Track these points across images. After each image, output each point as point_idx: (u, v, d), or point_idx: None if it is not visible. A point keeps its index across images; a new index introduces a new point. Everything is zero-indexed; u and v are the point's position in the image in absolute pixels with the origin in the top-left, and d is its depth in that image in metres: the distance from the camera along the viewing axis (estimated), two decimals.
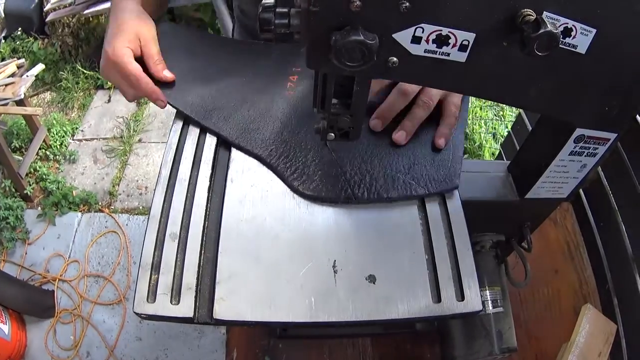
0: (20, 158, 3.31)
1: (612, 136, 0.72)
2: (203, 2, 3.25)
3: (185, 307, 0.70)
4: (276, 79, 0.96)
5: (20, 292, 2.59)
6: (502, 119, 3.34)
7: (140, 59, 0.92)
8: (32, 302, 2.64)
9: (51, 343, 2.59)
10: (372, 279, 0.71)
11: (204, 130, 0.88)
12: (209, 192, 0.80)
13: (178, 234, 0.76)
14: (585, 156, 0.75)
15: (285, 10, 0.57)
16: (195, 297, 0.71)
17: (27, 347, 2.57)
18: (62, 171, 3.43)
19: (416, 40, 0.53)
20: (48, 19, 4.14)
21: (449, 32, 0.52)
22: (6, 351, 2.39)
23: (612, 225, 1.14)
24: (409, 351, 1.04)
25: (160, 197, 0.79)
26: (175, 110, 0.90)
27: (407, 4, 0.49)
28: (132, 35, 0.93)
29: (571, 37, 0.54)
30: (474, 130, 3.24)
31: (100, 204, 3.19)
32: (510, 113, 3.32)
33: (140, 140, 3.59)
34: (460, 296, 0.71)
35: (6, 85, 3.20)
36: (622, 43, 0.57)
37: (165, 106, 0.92)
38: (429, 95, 0.85)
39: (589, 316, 1.07)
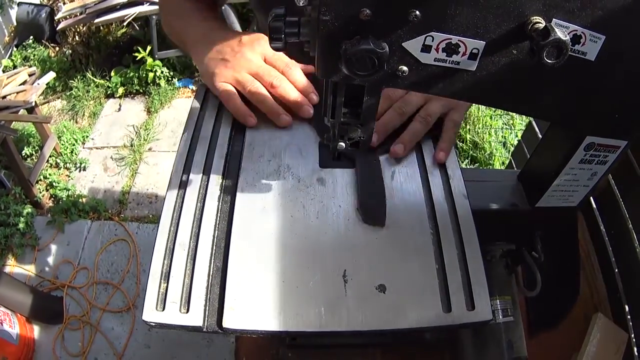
0: (31, 165, 3.33)
1: (622, 144, 0.72)
2: None
3: (195, 316, 0.70)
4: None
5: (29, 297, 2.60)
6: (512, 128, 3.33)
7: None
8: (41, 308, 2.65)
9: (59, 349, 2.60)
10: (382, 288, 0.71)
11: (214, 140, 0.88)
12: (218, 201, 0.80)
13: (188, 242, 0.76)
14: (595, 164, 0.75)
15: (295, 19, 0.57)
16: (205, 306, 0.71)
17: (34, 352, 2.58)
18: (72, 179, 3.45)
19: (426, 49, 0.53)
20: (59, 27, 4.19)
21: (458, 40, 0.52)
22: (14, 355, 2.40)
23: (623, 233, 1.13)
24: None
25: (170, 205, 0.79)
26: (185, 120, 0.90)
27: (417, 12, 0.49)
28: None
29: (580, 44, 0.54)
30: (484, 139, 3.23)
31: (110, 211, 3.20)
32: (521, 122, 3.30)
33: (150, 149, 3.60)
34: (471, 305, 0.71)
35: (17, 93, 3.23)
36: (631, 49, 0.57)
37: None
38: (429, 112, 0.87)
39: (600, 325, 1.06)
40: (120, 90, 4.05)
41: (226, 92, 0.89)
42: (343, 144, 0.72)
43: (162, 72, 3.99)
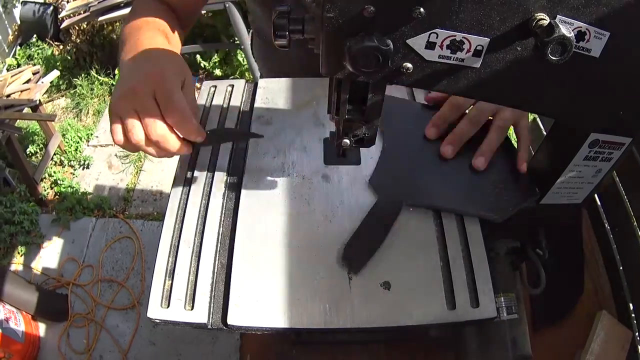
0: (36, 163, 3.34)
1: (627, 140, 0.71)
2: (217, 9, 3.26)
3: (199, 313, 0.70)
4: None
5: (34, 295, 2.60)
6: None
7: None
8: (46, 306, 2.65)
9: (64, 346, 2.60)
10: (386, 285, 0.71)
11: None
12: (223, 198, 0.81)
13: (192, 239, 0.76)
14: (600, 161, 0.75)
15: (299, 16, 0.58)
16: (209, 302, 0.71)
17: (40, 349, 2.59)
18: (76, 176, 3.46)
19: (430, 45, 0.53)
20: (63, 25, 4.19)
21: (463, 37, 0.52)
22: (19, 353, 2.41)
23: (628, 230, 1.13)
24: (423, 358, 1.04)
25: (175, 203, 0.80)
26: None
27: (421, 9, 0.49)
28: (181, 68, 0.82)
29: (585, 41, 0.54)
30: None
31: (114, 209, 3.20)
32: None
33: None
34: (475, 303, 0.71)
35: (22, 91, 3.24)
36: (636, 46, 0.56)
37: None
38: (504, 120, 0.88)
39: (604, 323, 1.06)
40: None
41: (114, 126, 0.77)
42: (347, 141, 0.72)
43: None
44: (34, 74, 3.47)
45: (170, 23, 0.94)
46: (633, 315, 1.10)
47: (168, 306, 0.70)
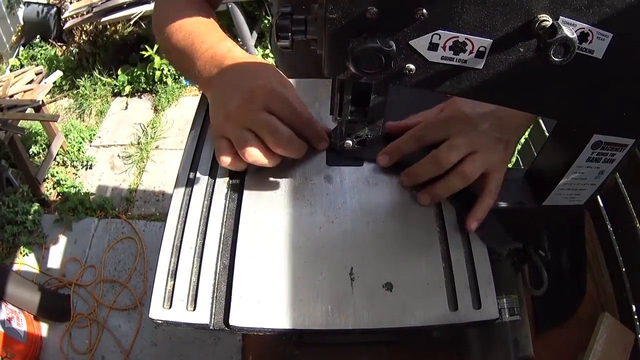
0: (38, 163, 3.35)
1: (630, 142, 0.71)
2: (220, 10, 3.27)
3: (201, 314, 0.70)
4: None
5: (36, 295, 2.61)
6: None
7: None
8: (48, 306, 2.66)
9: (66, 346, 2.61)
10: (389, 286, 0.71)
11: None
12: (225, 199, 0.81)
13: (195, 240, 0.76)
14: (602, 162, 0.75)
15: (302, 17, 0.58)
16: (212, 303, 0.71)
17: (42, 349, 2.60)
18: (79, 177, 3.47)
19: (433, 47, 0.53)
20: (66, 26, 4.20)
21: (465, 38, 0.52)
22: (21, 353, 2.42)
23: (630, 232, 1.13)
24: (425, 359, 1.04)
25: (177, 203, 0.80)
26: (192, 117, 0.90)
27: (424, 10, 0.49)
28: (281, 77, 0.80)
29: (588, 42, 0.54)
30: None
31: (117, 209, 3.21)
32: None
33: (157, 147, 3.61)
34: (477, 304, 0.71)
35: (25, 92, 3.25)
36: (639, 47, 0.56)
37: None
38: (473, 167, 0.77)
39: (607, 325, 1.06)
40: (127, 88, 4.06)
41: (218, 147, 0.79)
42: (350, 142, 0.72)
43: (169, 71, 3.99)
44: (37, 74, 3.48)
45: (212, 15, 0.94)
46: (636, 316, 1.10)
47: (170, 307, 0.70)
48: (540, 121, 1.70)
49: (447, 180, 0.78)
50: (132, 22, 3.96)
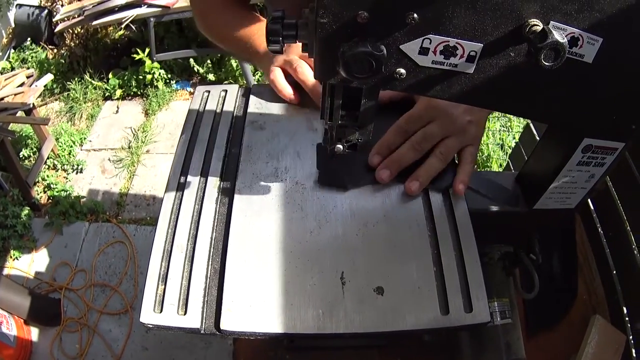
0: (29, 167, 3.33)
1: (620, 145, 0.72)
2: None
3: (192, 318, 0.70)
4: None
5: (26, 300, 2.59)
6: (510, 130, 3.33)
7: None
8: (38, 310, 2.64)
9: (57, 351, 2.59)
10: (380, 290, 0.71)
11: (212, 142, 0.88)
12: (216, 203, 0.80)
13: (185, 244, 0.76)
14: (593, 166, 0.75)
15: (293, 21, 0.58)
16: (202, 307, 0.71)
17: (32, 354, 2.58)
18: (69, 180, 3.45)
19: (424, 51, 0.53)
20: (57, 29, 4.18)
21: (456, 43, 0.52)
22: (11, 358, 2.40)
23: (621, 235, 1.13)
24: None
25: (168, 207, 0.79)
26: (183, 122, 0.90)
27: (414, 15, 0.49)
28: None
29: (578, 47, 0.54)
30: (482, 141, 3.23)
31: (107, 213, 3.20)
32: (518, 124, 3.30)
33: (148, 151, 3.60)
34: (469, 308, 0.71)
35: (15, 94, 3.23)
36: (628, 52, 0.57)
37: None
38: (447, 147, 0.84)
39: (598, 327, 1.06)
40: (118, 92, 4.04)
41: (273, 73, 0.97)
42: (341, 147, 0.72)
43: (159, 75, 3.98)
44: (27, 77, 3.46)
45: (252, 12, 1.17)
46: (627, 318, 1.10)
47: (161, 311, 0.70)
48: (531, 125, 1.71)
49: (427, 162, 0.84)
50: (123, 26, 3.95)
